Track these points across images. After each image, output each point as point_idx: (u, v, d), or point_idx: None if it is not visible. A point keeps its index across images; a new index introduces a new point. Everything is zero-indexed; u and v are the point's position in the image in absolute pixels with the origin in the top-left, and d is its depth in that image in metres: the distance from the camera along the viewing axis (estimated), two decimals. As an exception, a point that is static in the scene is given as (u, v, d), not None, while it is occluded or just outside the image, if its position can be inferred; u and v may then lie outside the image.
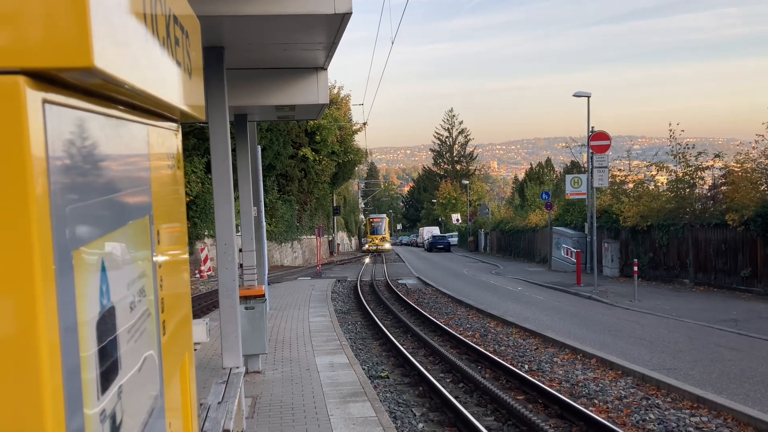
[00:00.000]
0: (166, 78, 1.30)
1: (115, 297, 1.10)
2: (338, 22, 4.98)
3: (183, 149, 1.81)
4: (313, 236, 43.83)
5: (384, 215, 66.77)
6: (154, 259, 1.37)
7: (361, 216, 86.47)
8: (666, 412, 7.49)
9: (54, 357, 0.81)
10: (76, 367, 0.89)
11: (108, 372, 1.04)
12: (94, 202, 0.96)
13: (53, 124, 0.81)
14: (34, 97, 0.77)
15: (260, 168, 13.04)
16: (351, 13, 4.69)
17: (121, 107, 1.12)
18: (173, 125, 1.59)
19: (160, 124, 1.41)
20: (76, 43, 0.78)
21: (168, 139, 1.49)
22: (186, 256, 1.82)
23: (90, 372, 0.95)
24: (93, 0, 0.80)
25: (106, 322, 1.04)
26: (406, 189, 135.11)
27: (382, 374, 10.07)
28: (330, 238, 55.41)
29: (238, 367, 6.18)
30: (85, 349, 0.93)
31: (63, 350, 0.84)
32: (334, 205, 56.05)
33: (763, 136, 18.79)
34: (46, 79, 0.82)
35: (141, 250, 1.25)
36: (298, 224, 40.76)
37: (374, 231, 60.47)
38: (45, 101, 0.80)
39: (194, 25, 1.80)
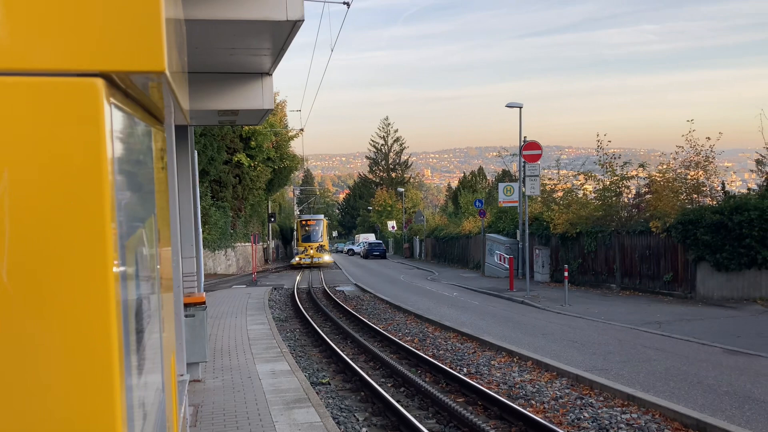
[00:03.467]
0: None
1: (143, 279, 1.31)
2: (289, 29, 5.01)
3: None
4: (247, 244, 43.14)
5: (321, 216, 50.37)
6: (158, 249, 1.48)
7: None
8: (599, 411, 7.83)
9: (117, 321, 1.04)
10: (128, 322, 1.17)
11: (140, 331, 1.37)
12: (134, 197, 1.00)
13: (115, 122, 0.86)
14: (106, 97, 0.82)
15: (197, 174, 12.82)
16: (303, 20, 4.74)
17: (141, 110, 1.16)
18: (162, 127, 1.63)
19: (159, 126, 1.46)
20: (151, 50, 0.83)
21: (163, 141, 1.53)
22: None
23: (132, 327, 1.23)
24: (164, 12, 0.85)
25: (141, 302, 1.29)
26: (342, 196, 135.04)
27: (323, 380, 10.06)
28: (265, 246, 54.62)
29: (182, 375, 6.08)
30: (131, 320, 1.20)
31: (123, 321, 1.07)
32: (270, 212, 55.08)
33: (682, 147, 19.94)
34: (111, 81, 0.86)
35: (153, 244, 1.31)
36: (232, 231, 40.04)
37: (308, 237, 45.35)
38: (111, 102, 0.85)
39: None
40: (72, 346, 0.94)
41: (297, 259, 43.58)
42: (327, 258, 43.77)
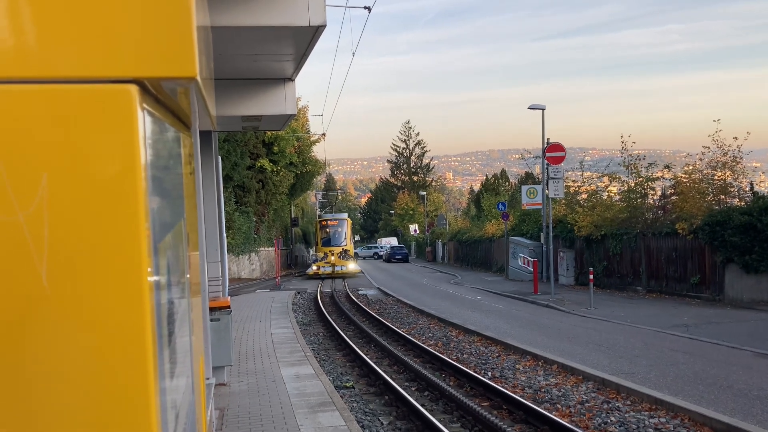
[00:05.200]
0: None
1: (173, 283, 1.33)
2: (311, 34, 5.06)
3: None
4: (270, 248, 43.34)
5: (345, 215, 41.81)
6: (187, 253, 1.51)
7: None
8: (626, 415, 7.73)
9: (152, 323, 1.06)
10: (161, 324, 1.20)
11: (172, 333, 1.41)
12: (166, 201, 1.03)
13: (148, 127, 0.88)
14: (139, 103, 0.84)
15: (221, 179, 12.95)
16: (325, 25, 4.78)
17: (171, 115, 1.19)
18: (189, 132, 1.66)
19: (187, 132, 1.48)
20: (184, 56, 0.85)
21: (190, 146, 1.56)
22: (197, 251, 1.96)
23: (165, 330, 1.26)
24: (196, 20, 0.87)
25: (173, 305, 1.33)
26: (364, 200, 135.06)
27: (347, 384, 10.08)
28: (288, 250, 54.86)
29: (208, 378, 6.13)
30: (164, 322, 1.21)
31: (157, 321, 1.10)
32: (293, 216, 55.36)
33: (709, 148, 19.61)
34: (143, 87, 0.88)
35: (183, 248, 1.34)
36: (255, 236, 40.32)
37: (329, 241, 37.54)
38: (144, 108, 0.87)
39: None
40: (108, 347, 0.96)
41: (314, 267, 35.37)
42: (352, 266, 35.41)
